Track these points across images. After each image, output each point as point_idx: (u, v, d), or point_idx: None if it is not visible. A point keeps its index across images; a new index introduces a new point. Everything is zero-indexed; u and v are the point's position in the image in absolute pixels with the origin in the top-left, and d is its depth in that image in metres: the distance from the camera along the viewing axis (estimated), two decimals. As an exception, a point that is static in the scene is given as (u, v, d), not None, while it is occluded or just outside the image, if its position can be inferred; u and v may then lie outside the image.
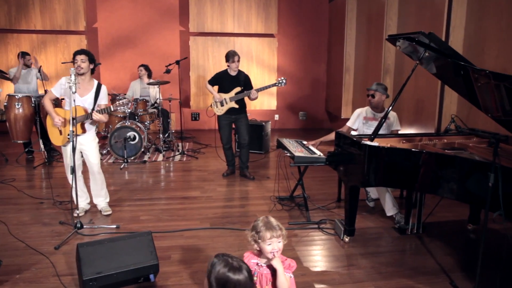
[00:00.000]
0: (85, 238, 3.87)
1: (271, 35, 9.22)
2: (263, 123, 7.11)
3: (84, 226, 4.01)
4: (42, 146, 6.47)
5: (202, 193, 5.20)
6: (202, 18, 8.88)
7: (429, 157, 3.06)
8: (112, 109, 4.16)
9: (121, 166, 6.26)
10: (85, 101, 4.15)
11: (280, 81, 5.50)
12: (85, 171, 4.49)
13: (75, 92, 3.81)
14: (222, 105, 5.54)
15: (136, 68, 8.08)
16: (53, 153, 6.80)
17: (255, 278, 2.26)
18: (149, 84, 7.03)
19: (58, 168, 6.25)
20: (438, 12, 5.17)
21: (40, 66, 6.60)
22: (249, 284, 1.74)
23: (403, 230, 4.02)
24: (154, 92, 7.41)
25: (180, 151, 7.11)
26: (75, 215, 4.29)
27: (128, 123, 6.48)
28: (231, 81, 5.54)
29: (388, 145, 3.51)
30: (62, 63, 7.73)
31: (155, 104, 7.18)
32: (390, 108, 3.63)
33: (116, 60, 8.88)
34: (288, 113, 9.73)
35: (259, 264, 2.31)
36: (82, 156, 4.38)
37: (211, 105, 5.68)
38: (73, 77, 3.79)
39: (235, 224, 4.22)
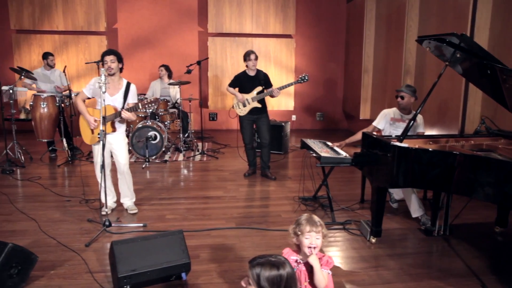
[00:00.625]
0: (113, 236, 3.93)
1: (288, 36, 9.23)
2: (283, 124, 7.13)
3: (112, 225, 4.07)
4: (65, 145, 6.57)
5: (225, 193, 5.23)
6: (220, 18, 8.93)
7: (465, 159, 3.05)
8: (141, 107, 4.21)
9: (143, 166, 6.33)
10: (115, 100, 4.22)
11: (303, 77, 5.48)
12: (113, 170, 4.56)
13: (105, 92, 3.89)
14: (244, 105, 5.57)
15: (155, 68, 8.18)
16: (76, 152, 6.89)
17: None
18: (170, 84, 7.08)
19: (79, 166, 6.34)
20: (462, 12, 5.15)
21: (65, 67, 6.69)
22: (294, 272, 1.78)
23: (429, 231, 4.01)
24: (174, 92, 7.47)
25: (200, 151, 7.16)
26: (103, 213, 4.35)
27: (149, 123, 6.55)
28: (250, 81, 5.57)
29: (416, 146, 3.51)
30: (86, 63, 7.83)
31: (176, 104, 7.24)
32: (419, 109, 3.63)
33: (136, 60, 8.97)
34: (305, 113, 9.73)
35: (298, 261, 2.34)
36: (111, 156, 4.45)
37: (233, 106, 5.71)
38: (103, 77, 3.87)
39: (261, 224, 4.25)
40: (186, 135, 7.44)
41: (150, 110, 4.26)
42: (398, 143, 3.43)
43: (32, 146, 7.25)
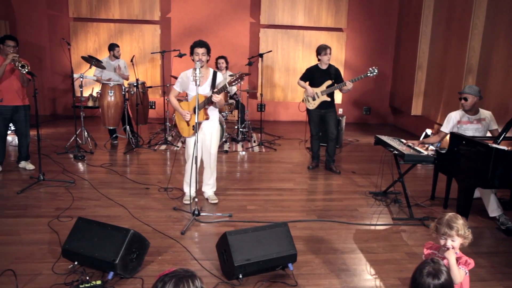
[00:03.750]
0: (202, 225, 4.08)
1: (339, 29, 9.24)
2: (340, 118, 7.19)
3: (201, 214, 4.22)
4: (129, 132, 6.75)
5: (295, 185, 5.35)
6: (273, 10, 8.98)
7: None
8: (228, 86, 4.29)
9: (206, 155, 6.47)
10: (204, 89, 4.35)
11: (372, 71, 5.51)
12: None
13: (199, 84, 4.03)
14: (314, 99, 5.67)
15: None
16: (137, 140, 7.07)
17: None
18: (231, 76, 7.18)
19: (144, 154, 6.52)
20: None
21: (133, 56, 6.84)
22: (449, 283, 1.90)
23: (510, 231, 4.07)
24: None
25: (256, 142, 7.29)
26: (186, 202, 4.53)
27: (210, 113, 6.66)
28: (321, 74, 5.66)
29: (509, 148, 3.57)
30: (152, 53, 7.96)
31: (234, 96, 7.35)
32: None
33: (187, 50, 9.04)
34: (351, 107, 9.77)
35: (437, 255, 2.45)
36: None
37: (303, 100, 5.82)
38: (198, 70, 4.00)
39: (341, 217, 4.36)
40: (243, 126, 7.56)
41: (238, 83, 4.29)
42: (496, 145, 3.50)
43: (93, 133, 7.45)
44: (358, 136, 8.41)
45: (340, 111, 9.66)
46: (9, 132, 6.02)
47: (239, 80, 4.20)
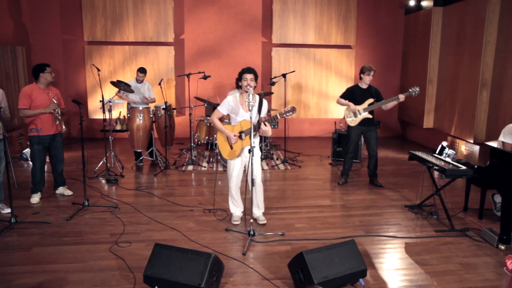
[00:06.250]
0: (258, 245, 4.20)
1: (348, 47, 9.53)
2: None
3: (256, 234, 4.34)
4: (157, 154, 6.84)
5: (332, 201, 5.52)
6: (285, 29, 9.22)
7: None
8: (279, 117, 4.45)
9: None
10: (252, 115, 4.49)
11: (414, 90, 5.78)
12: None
13: (252, 109, 4.18)
14: (355, 116, 5.90)
15: (220, 77, 8.49)
16: (162, 161, 7.16)
17: None
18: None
19: (173, 175, 6.61)
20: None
21: (162, 80, 6.97)
22: None
23: (551, 240, 4.30)
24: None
25: (280, 159, 7.45)
26: (235, 223, 4.66)
27: (235, 133, 6.81)
28: (362, 93, 5.94)
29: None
30: (178, 76, 8.08)
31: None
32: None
33: (201, 70, 9.21)
34: (361, 121, 10.02)
35: None
36: (244, 169, 4.71)
37: (344, 117, 6.03)
38: (251, 96, 4.15)
39: (387, 231, 4.54)
40: (265, 144, 7.72)
41: (289, 116, 4.42)
42: (542, 159, 3.73)
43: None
44: (373, 149, 8.65)
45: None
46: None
47: (291, 113, 4.36)
